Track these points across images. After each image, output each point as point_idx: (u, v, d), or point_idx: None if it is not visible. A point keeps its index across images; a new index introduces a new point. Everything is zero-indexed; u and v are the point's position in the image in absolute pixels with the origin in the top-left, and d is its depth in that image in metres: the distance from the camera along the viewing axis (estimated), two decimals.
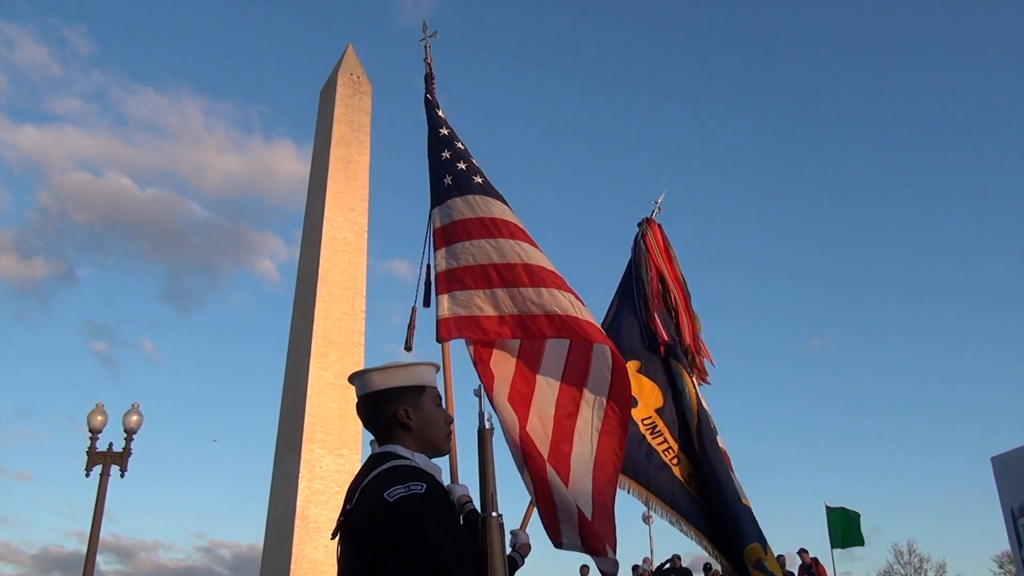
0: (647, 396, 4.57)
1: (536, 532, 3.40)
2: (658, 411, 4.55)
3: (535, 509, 3.72)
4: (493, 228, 4.00)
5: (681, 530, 4.33)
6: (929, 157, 75.26)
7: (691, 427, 4.48)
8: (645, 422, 4.49)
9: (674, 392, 4.61)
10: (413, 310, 4.00)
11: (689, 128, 79.95)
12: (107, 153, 69.16)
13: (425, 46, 4.71)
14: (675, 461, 4.44)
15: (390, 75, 68.76)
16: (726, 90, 79.69)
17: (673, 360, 4.72)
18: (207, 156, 67.51)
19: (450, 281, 3.97)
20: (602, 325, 4.73)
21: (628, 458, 4.27)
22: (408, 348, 3.93)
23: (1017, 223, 69.88)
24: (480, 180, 4.22)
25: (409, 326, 3.97)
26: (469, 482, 3.10)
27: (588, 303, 3.89)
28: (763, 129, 77.96)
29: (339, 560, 2.28)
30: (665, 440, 4.47)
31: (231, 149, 70.83)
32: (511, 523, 3.30)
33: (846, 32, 78.22)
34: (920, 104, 75.91)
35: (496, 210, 4.08)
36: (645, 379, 4.63)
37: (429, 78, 4.66)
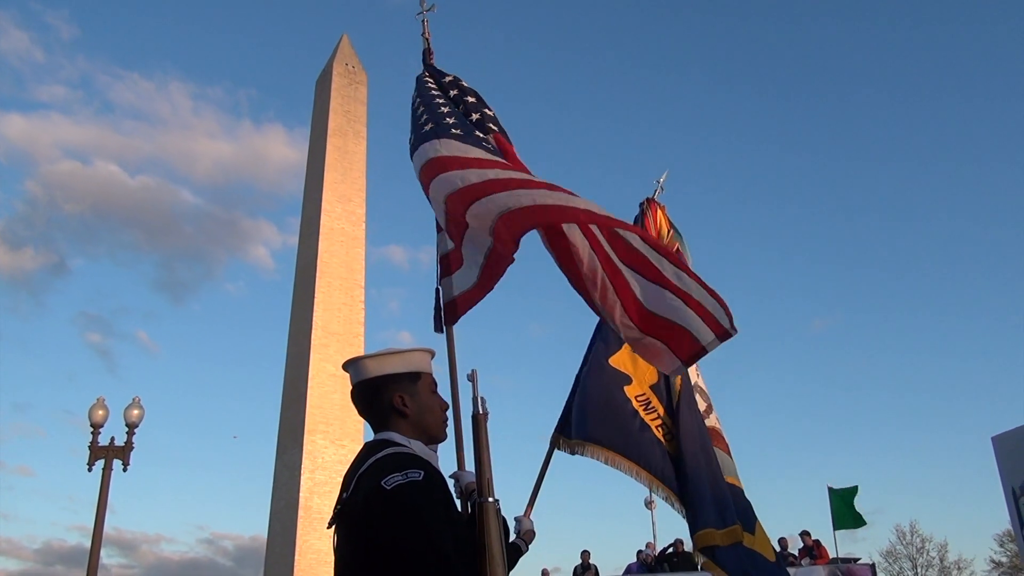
0: (642, 373, 4.56)
1: (540, 520, 3.39)
2: (652, 387, 4.55)
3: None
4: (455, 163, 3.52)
5: (674, 507, 4.34)
6: (936, 134, 75.14)
7: (672, 403, 4.52)
8: (639, 398, 4.49)
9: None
10: (437, 291, 3.91)
11: (691, 101, 79.74)
12: (95, 141, 68.61)
13: (423, 20, 4.55)
14: (668, 437, 4.46)
15: (386, 64, 68.41)
16: (729, 63, 79.47)
17: None
18: (196, 142, 66.99)
19: (447, 265, 3.87)
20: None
21: (620, 434, 4.30)
22: (438, 330, 3.84)
23: (1017, 210, 69.87)
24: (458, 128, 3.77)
25: (435, 309, 3.90)
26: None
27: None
28: (767, 103, 77.75)
29: (336, 549, 2.27)
30: (659, 416, 4.48)
31: (221, 135, 70.38)
32: (515, 510, 3.29)
33: (839, 28, 77.93)
34: (929, 76, 75.71)
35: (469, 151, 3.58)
36: (639, 357, 4.56)
37: (427, 53, 4.50)
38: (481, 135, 3.90)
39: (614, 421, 4.36)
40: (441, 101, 4.07)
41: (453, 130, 3.77)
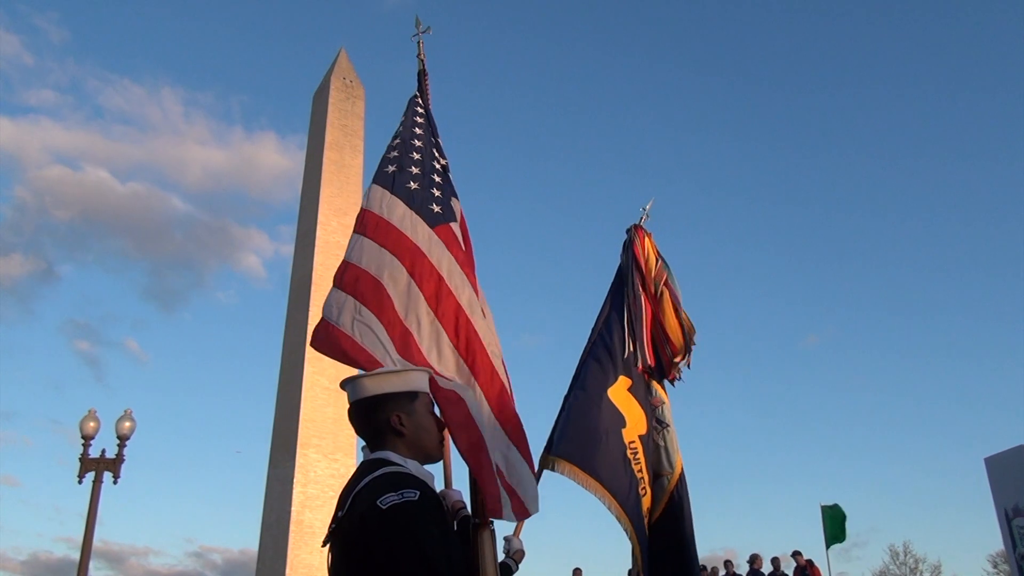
0: (634, 420, 4.49)
1: (529, 537, 3.40)
2: (641, 438, 4.48)
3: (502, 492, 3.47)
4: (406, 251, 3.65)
5: (635, 562, 4.29)
6: (928, 154, 75.61)
7: (674, 463, 4.46)
8: (631, 445, 4.41)
9: (655, 422, 4.55)
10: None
11: (683, 123, 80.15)
12: (84, 146, 68.47)
13: (418, 42, 4.57)
14: (643, 491, 4.39)
15: (383, 79, 68.61)
16: (720, 85, 79.97)
17: (656, 384, 4.66)
18: (187, 149, 66.85)
19: (344, 279, 3.66)
20: (592, 332, 4.71)
21: (618, 481, 4.25)
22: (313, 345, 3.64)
23: (1013, 225, 70.20)
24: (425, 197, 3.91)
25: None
26: (462, 487, 3.10)
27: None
28: (760, 124, 78.22)
29: (330, 568, 2.27)
30: (642, 469, 4.42)
31: (212, 142, 70.27)
32: (505, 529, 3.29)
33: (833, 25, 78.59)
34: (918, 97, 76.28)
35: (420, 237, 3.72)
36: (635, 401, 4.54)
37: (422, 75, 4.54)
38: (436, 199, 3.95)
39: (607, 457, 4.28)
40: (417, 145, 4.14)
41: (409, 183, 3.92)
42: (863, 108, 76.26)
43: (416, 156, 4.08)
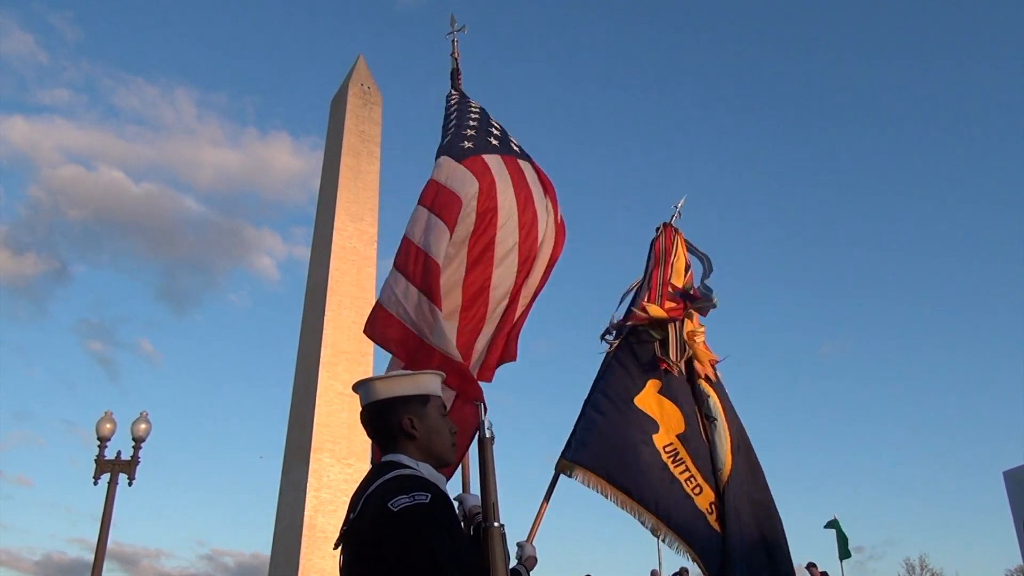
0: (668, 420, 4.35)
1: (543, 545, 3.39)
2: (680, 437, 4.33)
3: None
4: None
5: (698, 567, 4.16)
6: (944, 163, 75.08)
7: (724, 454, 4.31)
8: (667, 449, 4.28)
9: (703, 416, 4.41)
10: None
11: (702, 131, 80.00)
12: (98, 146, 68.77)
13: (452, 41, 4.58)
14: (697, 491, 4.24)
15: (400, 85, 68.92)
16: (739, 95, 79.81)
17: (701, 380, 4.51)
18: (201, 149, 67.10)
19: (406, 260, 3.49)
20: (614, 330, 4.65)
21: (648, 487, 4.14)
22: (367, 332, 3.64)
23: None
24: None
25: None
26: (477, 491, 3.10)
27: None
28: (776, 133, 77.95)
29: (341, 570, 2.28)
30: (687, 469, 4.27)
31: (225, 143, 70.46)
32: (518, 534, 3.29)
33: (857, 37, 78.23)
34: (935, 110, 75.75)
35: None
36: (666, 401, 4.41)
37: (456, 73, 4.55)
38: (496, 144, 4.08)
39: (636, 467, 4.18)
40: (461, 117, 4.17)
41: (463, 143, 3.91)
42: (883, 131, 75.80)
43: (465, 118, 4.17)
